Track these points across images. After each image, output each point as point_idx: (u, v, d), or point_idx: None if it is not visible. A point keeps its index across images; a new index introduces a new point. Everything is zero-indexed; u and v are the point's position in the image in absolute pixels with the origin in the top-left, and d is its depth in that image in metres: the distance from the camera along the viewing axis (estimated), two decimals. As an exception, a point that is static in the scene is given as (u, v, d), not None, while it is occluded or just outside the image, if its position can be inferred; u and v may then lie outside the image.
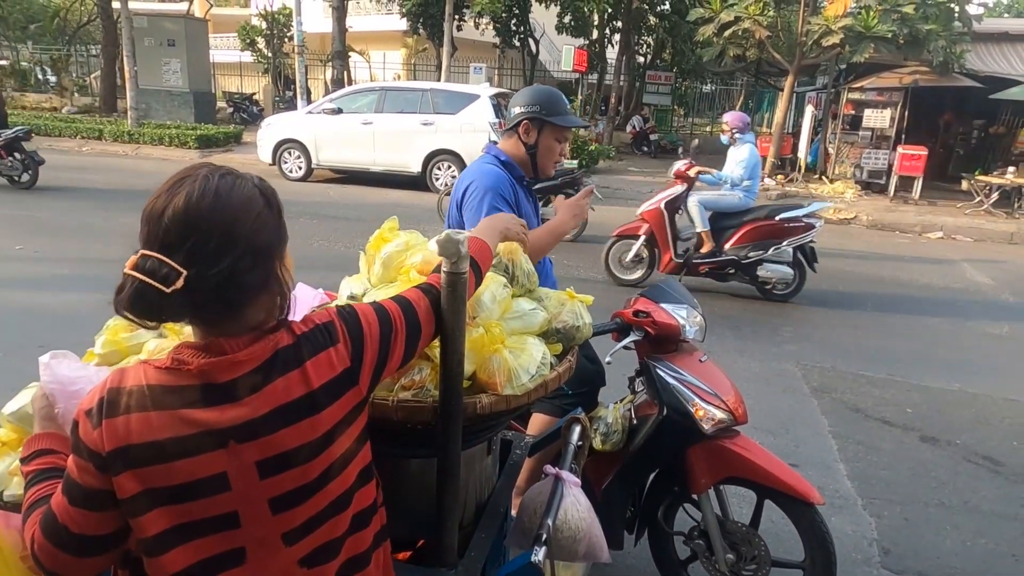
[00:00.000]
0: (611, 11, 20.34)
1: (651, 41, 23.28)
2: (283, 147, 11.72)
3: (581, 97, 18.17)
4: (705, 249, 6.30)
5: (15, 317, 4.82)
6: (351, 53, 20.58)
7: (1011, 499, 3.31)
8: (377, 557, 1.14)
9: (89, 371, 1.19)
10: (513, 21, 21.80)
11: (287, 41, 22.41)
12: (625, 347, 2.20)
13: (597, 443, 2.20)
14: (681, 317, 2.18)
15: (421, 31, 21.56)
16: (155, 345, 1.38)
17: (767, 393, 4.30)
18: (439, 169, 11.10)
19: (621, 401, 2.32)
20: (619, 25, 20.40)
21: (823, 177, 13.79)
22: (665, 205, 6.30)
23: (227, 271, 0.89)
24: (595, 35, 22.07)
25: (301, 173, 11.68)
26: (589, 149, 13.76)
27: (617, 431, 2.21)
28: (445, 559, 1.38)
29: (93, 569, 0.96)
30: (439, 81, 15.32)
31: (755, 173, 6.40)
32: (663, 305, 2.19)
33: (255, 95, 23.01)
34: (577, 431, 1.84)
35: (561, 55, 17.73)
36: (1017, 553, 2.91)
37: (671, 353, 2.21)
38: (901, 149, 12.27)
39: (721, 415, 2.09)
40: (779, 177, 13.65)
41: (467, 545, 1.49)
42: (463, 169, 2.80)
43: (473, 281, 1.28)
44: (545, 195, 6.80)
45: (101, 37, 20.82)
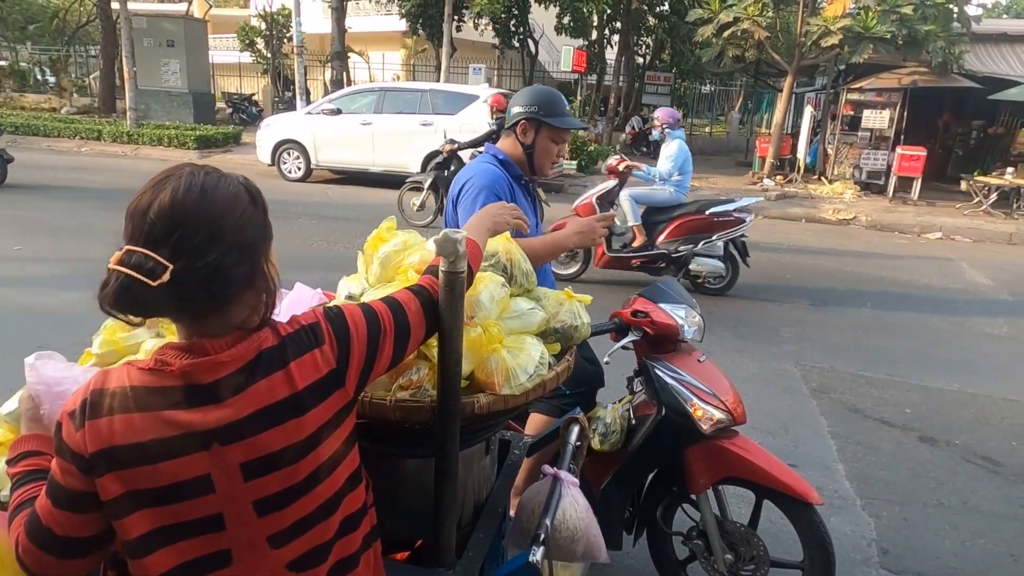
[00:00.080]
0: (610, 12, 20.33)
1: (650, 42, 23.26)
2: (282, 148, 11.72)
3: (580, 98, 18.15)
4: (637, 243, 6.39)
5: (15, 317, 4.81)
6: (350, 54, 20.59)
7: (1010, 499, 3.31)
8: (367, 559, 1.14)
9: (75, 372, 1.18)
10: (512, 22, 21.80)
11: (286, 42, 22.42)
12: (624, 347, 2.20)
13: (596, 443, 2.19)
14: (680, 317, 2.17)
15: (420, 32, 21.56)
16: (152, 345, 1.37)
17: (766, 393, 4.30)
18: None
19: (620, 401, 2.32)
20: (618, 26, 20.42)
21: (822, 178, 13.80)
22: (597, 200, 6.39)
23: (213, 265, 0.89)
24: (594, 36, 22.05)
25: (300, 174, 11.69)
26: (588, 150, 13.78)
27: (616, 431, 2.21)
28: (443, 559, 1.38)
29: (78, 571, 0.95)
30: (438, 82, 15.33)
31: (685, 168, 6.49)
32: (662, 305, 2.19)
33: (254, 96, 23.01)
34: (575, 431, 1.84)
35: (560, 56, 17.70)
36: (1016, 553, 2.91)
37: (670, 353, 2.21)
38: (900, 150, 12.28)
39: (720, 415, 2.09)
40: (778, 178, 13.65)
41: (465, 545, 1.49)
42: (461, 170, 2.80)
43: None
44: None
45: (100, 38, 20.84)
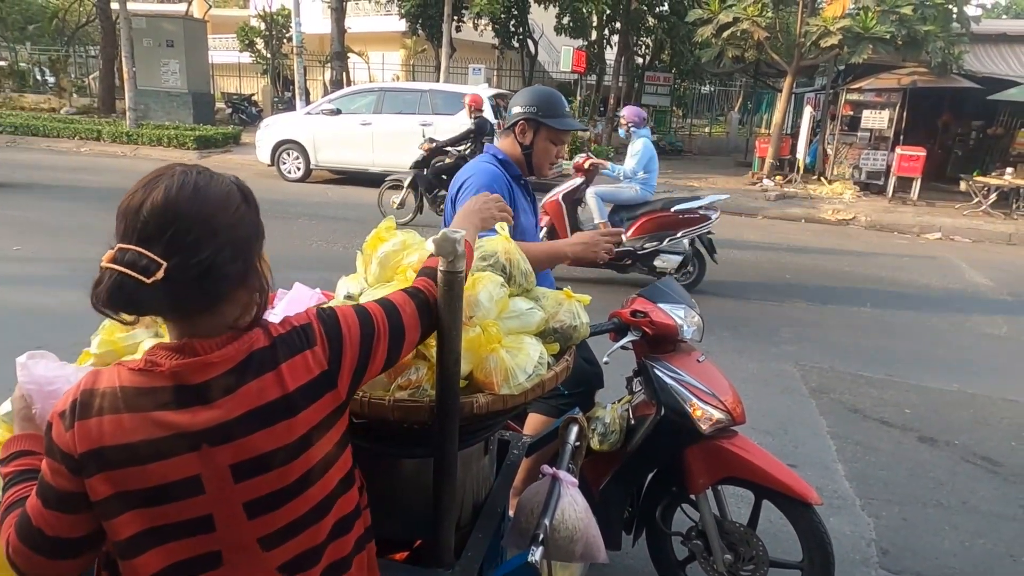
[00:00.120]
0: (610, 12, 20.33)
1: (650, 42, 23.25)
2: (282, 148, 11.68)
3: (580, 98, 18.16)
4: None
5: (14, 317, 4.81)
6: (350, 54, 20.58)
7: (1009, 499, 3.31)
8: (360, 561, 1.13)
9: (67, 371, 1.18)
10: (512, 22, 21.79)
11: (286, 42, 22.42)
12: (623, 347, 2.20)
13: (595, 443, 2.19)
14: (679, 317, 2.17)
15: (420, 32, 21.55)
16: (150, 345, 1.37)
17: (766, 393, 4.30)
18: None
19: (619, 401, 2.32)
20: (618, 26, 20.40)
21: (822, 178, 13.80)
22: (563, 197, 6.41)
23: (207, 263, 0.89)
24: (594, 36, 22.05)
25: (300, 174, 11.67)
26: (588, 150, 13.79)
27: (615, 431, 2.21)
28: (442, 559, 1.38)
29: (69, 571, 0.95)
30: (438, 82, 15.33)
31: (651, 166, 6.55)
32: (661, 305, 2.19)
33: (254, 96, 22.99)
34: (575, 431, 1.84)
35: (560, 56, 17.72)
36: (1015, 553, 2.91)
37: (669, 353, 2.21)
38: (899, 150, 12.28)
39: (719, 415, 2.09)
40: (777, 178, 13.65)
41: (464, 545, 1.49)
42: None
43: (429, 263, 1.28)
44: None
45: (100, 38, 20.83)
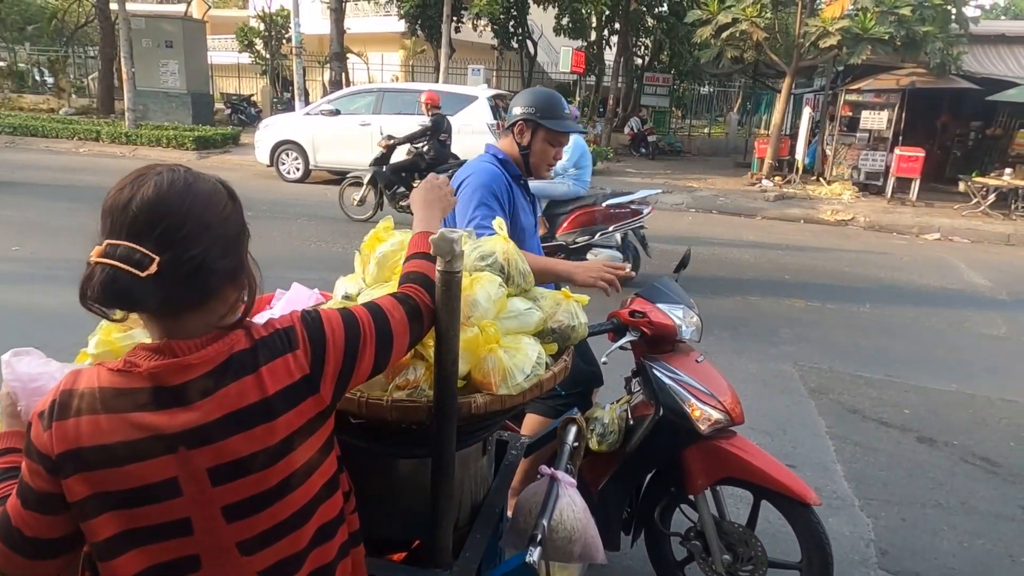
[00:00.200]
0: (609, 13, 20.39)
1: (649, 43, 23.30)
2: (281, 148, 11.69)
3: (579, 99, 18.16)
4: (539, 235, 6.47)
5: (13, 318, 4.81)
6: (349, 55, 20.58)
7: (1008, 500, 3.31)
8: (344, 568, 1.12)
9: (51, 368, 1.18)
10: (511, 23, 21.83)
11: (285, 43, 22.43)
12: (621, 347, 2.20)
13: (593, 444, 2.19)
14: (677, 317, 2.17)
15: (419, 33, 21.57)
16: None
17: (765, 394, 4.30)
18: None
19: (617, 402, 2.32)
20: (617, 27, 20.45)
21: (820, 178, 13.81)
22: None
23: (199, 258, 0.89)
24: (593, 37, 22.11)
25: (299, 174, 11.67)
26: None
27: (613, 432, 2.20)
28: (440, 560, 1.38)
29: (48, 572, 0.95)
30: (437, 82, 15.33)
31: (583, 162, 6.70)
32: (659, 305, 2.18)
33: (253, 96, 23.01)
34: (573, 431, 1.84)
35: (559, 57, 17.72)
36: (1014, 553, 2.91)
37: (667, 353, 2.20)
38: (898, 151, 12.29)
39: (717, 415, 2.08)
40: (776, 179, 13.66)
41: (462, 546, 1.49)
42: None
43: (424, 267, 1.27)
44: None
45: (99, 38, 20.81)
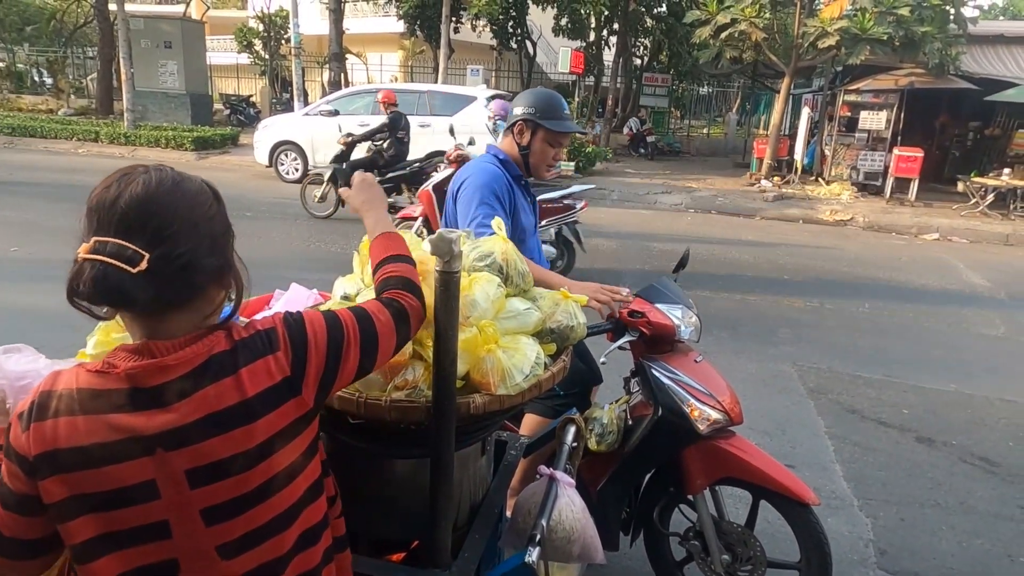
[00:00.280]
0: (608, 13, 20.38)
1: (648, 43, 23.31)
2: (280, 149, 11.70)
3: (578, 99, 18.18)
4: None
5: (12, 318, 4.80)
6: (348, 55, 20.57)
7: (1007, 500, 3.32)
8: (328, 573, 1.11)
9: (38, 365, 1.17)
10: (510, 23, 21.83)
11: (284, 43, 22.43)
12: (620, 347, 2.20)
13: (592, 444, 2.19)
14: (676, 317, 2.17)
15: (418, 33, 21.57)
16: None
17: (764, 394, 4.30)
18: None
19: (616, 402, 2.32)
20: (616, 27, 20.46)
21: (819, 179, 13.82)
22: (433, 188, 6.60)
23: (188, 255, 0.89)
24: (592, 37, 22.09)
25: (298, 175, 11.63)
26: (586, 151, 13.79)
27: (612, 432, 2.20)
28: (439, 560, 1.38)
29: (29, 572, 0.94)
30: (436, 83, 15.33)
31: None
32: (658, 305, 2.18)
33: (252, 97, 22.99)
34: (572, 432, 1.84)
35: (558, 57, 17.72)
36: (1013, 553, 2.91)
37: (666, 353, 2.20)
38: (897, 151, 12.30)
39: (716, 415, 2.08)
40: (775, 179, 13.67)
41: (461, 546, 1.49)
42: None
43: (414, 271, 1.26)
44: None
45: (97, 39, 20.79)
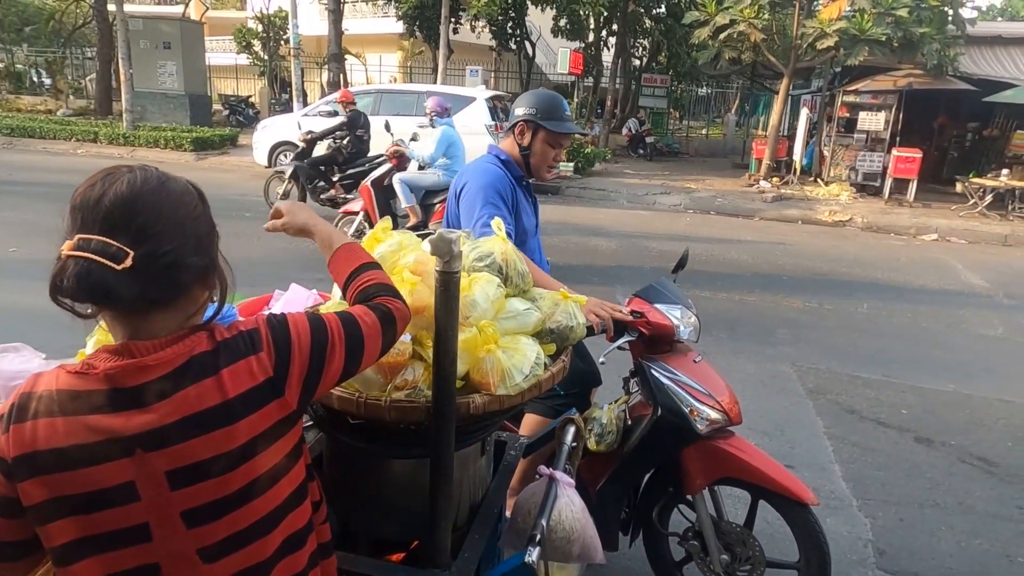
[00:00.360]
0: (607, 14, 20.40)
1: (647, 44, 23.34)
2: (279, 149, 11.67)
3: (577, 100, 18.21)
4: (410, 224, 6.78)
5: (11, 319, 4.80)
6: (347, 56, 20.58)
7: (1005, 500, 3.32)
8: None
9: (32, 365, 1.17)
10: (509, 24, 21.85)
11: (283, 44, 22.44)
12: (619, 347, 2.20)
13: (592, 444, 2.19)
14: (675, 318, 2.17)
15: (417, 34, 21.59)
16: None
17: (762, 394, 4.30)
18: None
19: (616, 402, 2.32)
20: (615, 28, 20.46)
21: (818, 179, 13.83)
22: (372, 183, 6.80)
23: (173, 254, 0.89)
24: (591, 38, 22.10)
25: (297, 175, 11.67)
26: (585, 152, 13.79)
27: (612, 432, 2.20)
28: (439, 560, 1.38)
29: (13, 574, 0.94)
30: (435, 84, 15.34)
31: (452, 153, 6.89)
32: (657, 305, 2.19)
33: (251, 98, 22.97)
34: (572, 432, 1.84)
35: (557, 58, 17.75)
36: (1012, 553, 2.92)
37: (665, 353, 2.21)
38: (896, 152, 12.32)
39: (715, 415, 2.09)
40: (774, 180, 13.68)
41: (461, 546, 1.49)
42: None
43: (382, 277, 1.24)
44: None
45: (96, 40, 20.77)
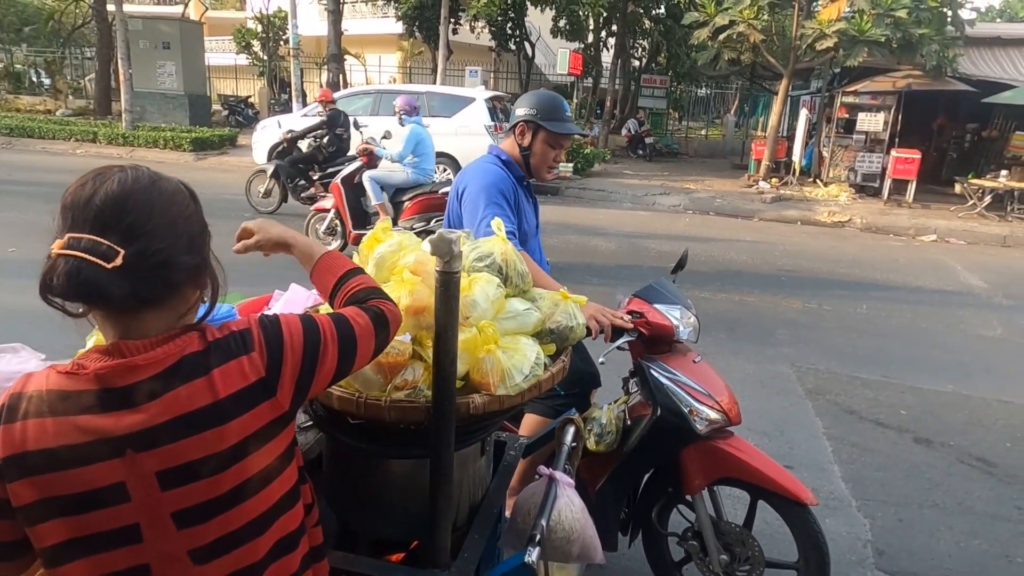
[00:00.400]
0: (606, 15, 20.40)
1: (646, 45, 23.35)
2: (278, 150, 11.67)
3: (576, 100, 18.21)
4: (380, 221, 6.77)
5: (10, 319, 4.79)
6: (347, 56, 20.58)
7: (1004, 500, 3.33)
8: None
9: (28, 366, 1.17)
10: (509, 25, 21.85)
11: (283, 44, 22.44)
12: (619, 348, 2.20)
13: (591, 444, 2.19)
14: (675, 318, 2.17)
15: (417, 34, 21.59)
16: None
17: (762, 395, 4.31)
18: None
19: (615, 402, 2.32)
20: (614, 29, 20.47)
21: (817, 180, 13.84)
22: (342, 180, 6.88)
23: (164, 252, 0.88)
24: (590, 39, 22.11)
25: (296, 176, 11.64)
26: (584, 152, 13.80)
27: (611, 432, 2.21)
28: (438, 560, 1.38)
29: (6, 574, 0.94)
30: (434, 84, 15.34)
31: (420, 151, 6.95)
32: (657, 306, 2.19)
33: (250, 98, 22.96)
34: (571, 432, 1.84)
35: (556, 58, 17.76)
36: (1010, 554, 2.92)
37: (665, 354, 2.21)
38: (895, 152, 12.33)
39: (715, 415, 2.09)
40: (773, 180, 13.69)
41: (461, 546, 1.49)
42: (458, 172, 2.82)
43: (369, 281, 1.22)
44: None
45: (96, 40, 20.75)
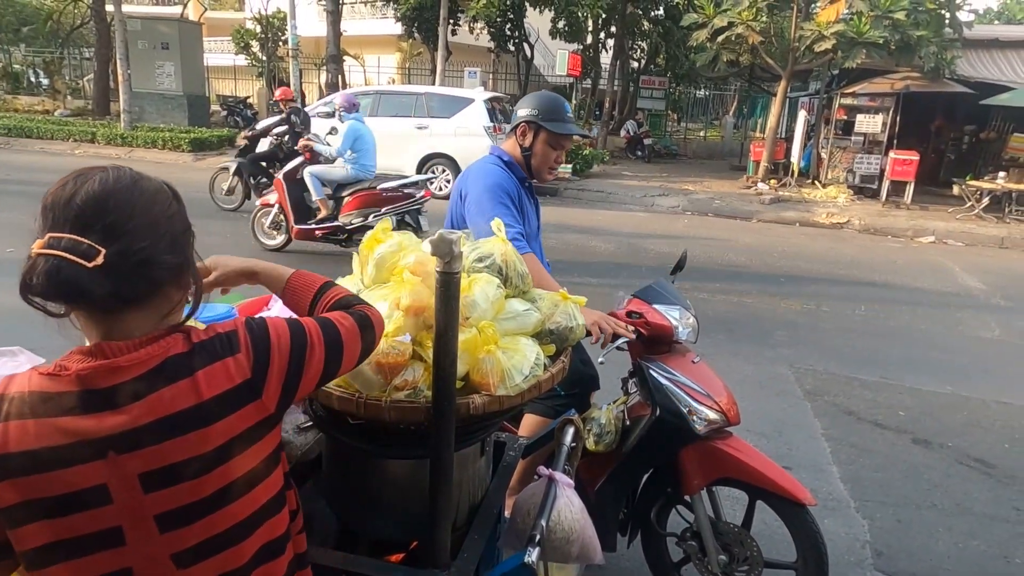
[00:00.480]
0: (605, 16, 20.42)
1: (645, 46, 23.38)
2: (277, 150, 11.69)
3: (575, 102, 18.22)
4: (320, 216, 6.94)
5: (8, 320, 4.78)
6: (346, 57, 20.58)
7: (1003, 501, 3.33)
8: None
9: (23, 368, 1.17)
10: (508, 26, 21.85)
11: (281, 45, 22.44)
12: (618, 348, 2.20)
13: (590, 444, 2.19)
14: (674, 318, 2.18)
15: (416, 35, 21.61)
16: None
17: (761, 396, 4.31)
18: (433, 172, 11.14)
19: (614, 402, 2.32)
20: (613, 30, 20.50)
21: (816, 182, 13.86)
22: (284, 176, 7.01)
23: (146, 252, 0.88)
24: (589, 40, 22.13)
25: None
26: (583, 153, 13.81)
27: (610, 432, 2.21)
28: (438, 560, 1.38)
29: None
30: (433, 85, 15.35)
31: (359, 147, 7.01)
32: (656, 306, 2.19)
33: (249, 99, 22.94)
34: (571, 432, 1.84)
35: (555, 60, 17.77)
36: (1009, 555, 2.92)
37: (664, 354, 2.21)
38: (893, 154, 12.35)
39: (713, 416, 2.09)
40: (772, 182, 13.70)
41: (460, 546, 1.49)
42: (458, 173, 2.82)
43: (347, 291, 1.23)
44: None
45: (94, 40, 20.73)
